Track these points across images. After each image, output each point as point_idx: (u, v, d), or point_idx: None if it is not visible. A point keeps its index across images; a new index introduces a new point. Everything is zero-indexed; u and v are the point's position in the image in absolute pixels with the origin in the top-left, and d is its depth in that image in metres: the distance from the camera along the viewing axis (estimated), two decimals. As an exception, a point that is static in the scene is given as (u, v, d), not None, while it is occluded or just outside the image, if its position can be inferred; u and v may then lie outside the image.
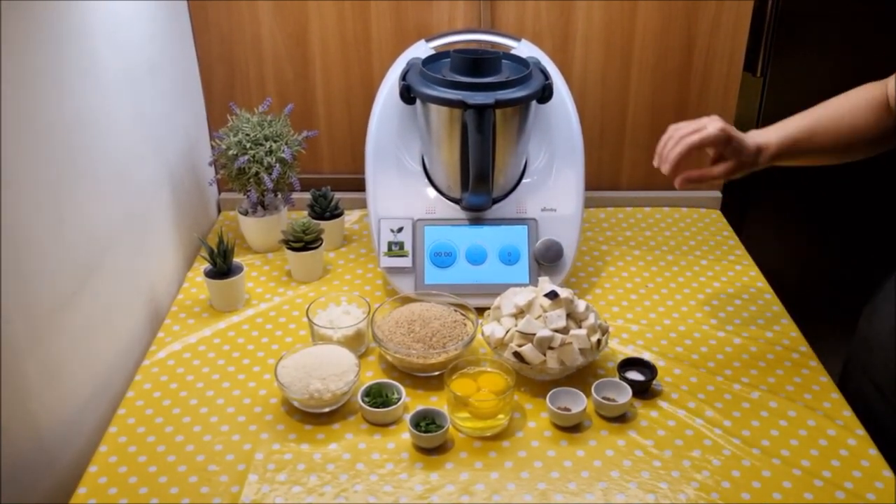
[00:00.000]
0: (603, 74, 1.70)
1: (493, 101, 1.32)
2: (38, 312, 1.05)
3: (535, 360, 1.21)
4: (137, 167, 1.37)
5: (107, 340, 1.25)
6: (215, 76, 1.72)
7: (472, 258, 1.43)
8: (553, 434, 1.16)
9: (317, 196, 1.61)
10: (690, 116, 1.73)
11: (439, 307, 1.33)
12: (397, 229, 1.44)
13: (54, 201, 1.08)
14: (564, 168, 1.48)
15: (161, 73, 1.48)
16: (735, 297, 1.48)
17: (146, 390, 1.25)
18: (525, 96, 1.36)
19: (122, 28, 1.31)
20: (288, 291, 1.50)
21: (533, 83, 1.38)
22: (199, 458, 1.12)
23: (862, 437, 1.15)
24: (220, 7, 1.64)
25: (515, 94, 1.35)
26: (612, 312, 1.44)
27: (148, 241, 1.41)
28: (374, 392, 1.21)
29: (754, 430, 1.17)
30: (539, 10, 1.64)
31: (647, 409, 1.21)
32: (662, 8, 1.63)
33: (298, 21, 1.65)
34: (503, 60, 1.42)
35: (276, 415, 1.20)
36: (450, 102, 1.34)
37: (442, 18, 1.65)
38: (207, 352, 1.34)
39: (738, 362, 1.31)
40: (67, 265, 1.12)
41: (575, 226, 1.45)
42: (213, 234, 1.69)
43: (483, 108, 1.32)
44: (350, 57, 1.69)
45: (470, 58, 1.37)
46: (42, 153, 1.05)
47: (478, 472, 1.10)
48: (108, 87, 1.25)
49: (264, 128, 1.54)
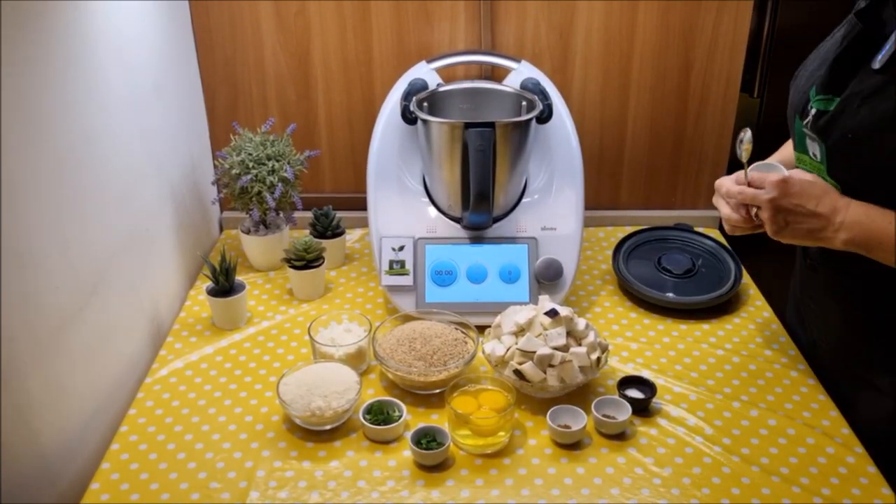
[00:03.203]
0: (602, 95, 1.72)
1: (493, 121, 1.34)
2: (42, 330, 1.06)
3: (536, 378, 1.22)
4: (141, 186, 1.38)
5: (110, 358, 1.26)
6: (219, 96, 1.73)
7: (473, 277, 1.44)
8: (553, 451, 1.17)
9: (318, 215, 1.63)
10: (689, 137, 1.77)
11: (440, 325, 1.34)
12: (398, 248, 1.45)
13: (59, 219, 1.10)
14: (564, 187, 1.49)
15: (166, 93, 1.50)
16: (734, 315, 1.49)
17: (148, 407, 1.26)
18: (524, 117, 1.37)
19: (127, 49, 1.32)
20: (290, 309, 1.51)
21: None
22: (201, 476, 1.12)
23: (861, 454, 1.15)
24: (224, 28, 1.66)
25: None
26: (612, 330, 1.45)
27: (151, 259, 1.42)
28: (376, 409, 1.21)
29: (753, 447, 1.17)
30: (539, 31, 1.66)
31: (646, 427, 1.21)
32: (660, 30, 1.66)
33: (301, 42, 1.67)
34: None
35: (278, 432, 1.21)
36: (451, 122, 1.36)
37: (443, 40, 1.67)
38: (209, 369, 1.35)
39: (737, 380, 1.31)
40: (71, 283, 1.13)
41: (575, 244, 1.47)
42: (215, 252, 1.70)
43: (483, 127, 1.33)
44: (352, 77, 1.71)
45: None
46: (48, 172, 1.07)
47: (479, 490, 1.10)
48: (113, 107, 1.27)
49: (267, 147, 1.55)
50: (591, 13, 1.63)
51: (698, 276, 1.55)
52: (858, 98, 1.07)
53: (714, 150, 1.78)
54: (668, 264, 1.57)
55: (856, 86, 1.08)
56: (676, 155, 1.79)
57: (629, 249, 1.64)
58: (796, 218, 1.08)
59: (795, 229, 1.08)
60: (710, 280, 1.54)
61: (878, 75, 1.05)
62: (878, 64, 1.06)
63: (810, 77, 1.17)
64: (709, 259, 1.60)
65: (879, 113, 1.04)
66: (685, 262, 1.57)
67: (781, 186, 1.07)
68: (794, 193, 1.07)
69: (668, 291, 1.51)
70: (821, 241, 1.09)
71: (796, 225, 1.08)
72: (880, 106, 1.04)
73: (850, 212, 1.06)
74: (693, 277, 1.55)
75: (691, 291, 1.51)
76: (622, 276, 1.55)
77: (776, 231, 1.09)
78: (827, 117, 1.10)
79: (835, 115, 1.09)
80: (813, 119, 1.13)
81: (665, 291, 1.51)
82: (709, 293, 1.50)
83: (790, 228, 1.09)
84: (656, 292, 1.50)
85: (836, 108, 1.09)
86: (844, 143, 1.08)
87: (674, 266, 1.56)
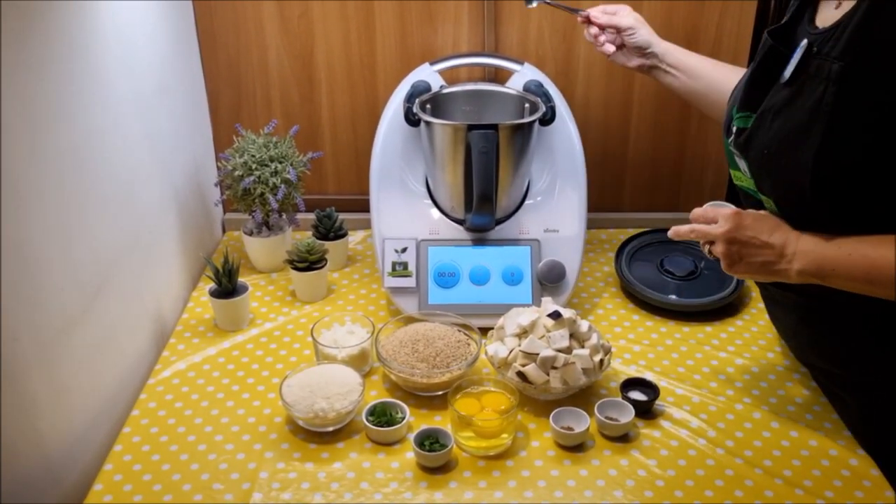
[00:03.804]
0: (605, 97, 1.72)
1: (496, 123, 1.34)
2: (46, 331, 1.06)
3: (539, 380, 1.22)
4: (144, 187, 1.38)
5: (113, 359, 1.26)
6: (222, 98, 1.74)
7: (476, 278, 1.44)
8: (556, 453, 1.17)
9: (321, 216, 1.63)
10: (692, 139, 1.77)
11: (443, 327, 1.34)
12: (401, 249, 1.45)
13: (63, 221, 1.10)
14: (567, 189, 1.50)
15: (169, 95, 1.50)
16: (736, 317, 1.49)
17: (151, 409, 1.26)
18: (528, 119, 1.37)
19: (132, 51, 1.33)
20: (292, 311, 1.51)
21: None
22: (203, 477, 1.13)
23: (863, 457, 1.15)
24: (228, 30, 1.66)
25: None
26: (615, 333, 1.45)
27: (154, 260, 1.42)
28: (379, 411, 1.21)
29: (756, 450, 1.17)
30: (542, 34, 1.66)
31: (649, 429, 1.21)
32: (664, 30, 1.64)
33: (304, 44, 1.67)
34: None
35: (281, 434, 1.21)
36: (454, 124, 1.36)
37: (446, 42, 1.67)
38: (212, 371, 1.35)
39: (740, 383, 1.32)
40: (75, 284, 1.13)
41: (577, 247, 1.47)
42: (218, 253, 1.70)
43: (486, 129, 1.33)
44: (355, 79, 1.71)
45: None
46: (52, 173, 1.07)
47: (482, 491, 1.10)
48: (117, 109, 1.27)
49: (270, 149, 1.55)
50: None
51: (701, 279, 1.55)
52: (770, 113, 1.07)
53: (717, 152, 1.78)
54: (671, 267, 1.57)
55: (768, 101, 1.08)
56: (679, 157, 1.79)
57: (632, 251, 1.64)
58: (750, 250, 1.07)
59: (750, 263, 1.07)
60: (712, 283, 1.54)
61: (787, 88, 1.05)
62: (784, 78, 1.05)
63: (733, 96, 1.17)
64: (711, 262, 1.59)
65: (789, 126, 1.03)
66: (688, 265, 1.57)
67: (735, 219, 1.07)
68: (747, 226, 1.07)
69: (670, 294, 1.51)
70: (775, 275, 1.07)
71: (750, 258, 1.07)
72: (790, 119, 1.03)
73: (801, 242, 1.05)
74: (696, 280, 1.55)
75: (694, 294, 1.51)
76: (625, 279, 1.55)
77: (730, 265, 1.09)
78: (746, 134, 1.10)
79: (752, 131, 1.09)
80: (735, 136, 1.13)
81: (668, 294, 1.51)
82: (711, 296, 1.50)
83: (744, 262, 1.07)
84: (659, 294, 1.50)
85: (752, 124, 1.10)
86: (763, 158, 1.07)
87: (676, 268, 1.56)
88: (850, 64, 0.97)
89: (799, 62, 1.03)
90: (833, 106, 0.98)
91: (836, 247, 1.02)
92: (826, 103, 0.99)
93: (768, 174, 1.08)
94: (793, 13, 1.12)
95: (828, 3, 1.07)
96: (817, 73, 1.00)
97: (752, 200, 1.15)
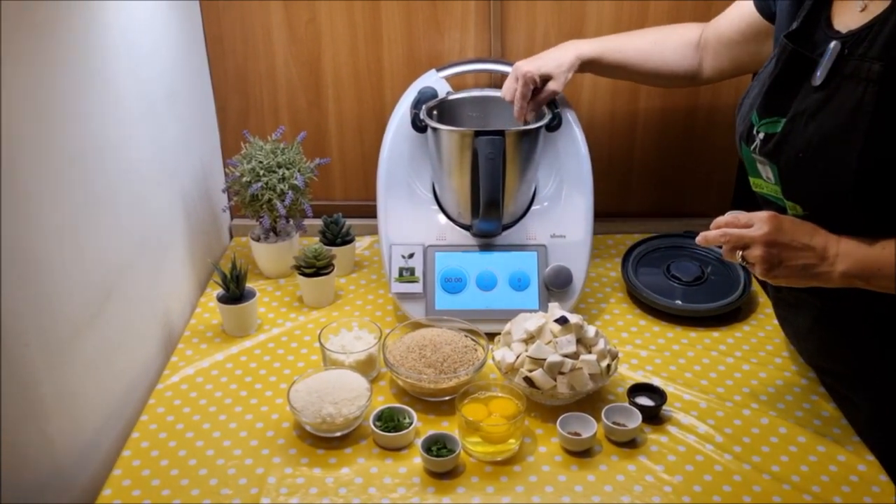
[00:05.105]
0: (611, 102, 1.73)
1: (502, 129, 1.34)
2: (56, 336, 1.07)
3: (546, 385, 1.22)
4: (153, 193, 1.39)
5: (122, 364, 1.27)
6: (230, 105, 1.74)
7: (483, 284, 1.44)
8: (564, 459, 1.17)
9: (328, 222, 1.63)
10: (698, 143, 1.77)
11: (450, 332, 1.34)
12: (408, 255, 1.46)
13: (72, 227, 1.10)
14: (573, 195, 1.50)
15: (178, 101, 1.51)
16: (743, 322, 1.49)
17: (160, 414, 1.26)
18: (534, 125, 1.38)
19: (140, 58, 1.34)
20: (300, 317, 1.52)
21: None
22: (212, 482, 1.13)
23: (872, 462, 1.15)
24: (236, 37, 1.67)
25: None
26: (621, 338, 1.45)
27: (162, 266, 1.43)
28: (386, 416, 1.22)
29: (764, 455, 1.17)
30: (548, 40, 1.66)
31: (657, 435, 1.21)
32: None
33: (312, 51, 1.68)
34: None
35: (289, 439, 1.21)
36: (461, 130, 1.36)
37: (453, 48, 1.68)
38: (220, 376, 1.35)
39: (748, 388, 1.31)
40: (84, 290, 1.14)
41: (584, 252, 1.47)
42: (225, 259, 1.71)
43: (493, 135, 1.34)
44: (362, 86, 1.72)
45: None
46: (62, 180, 1.08)
47: (489, 497, 1.10)
48: (126, 116, 1.28)
49: (277, 155, 1.56)
50: (601, 20, 1.64)
51: (708, 284, 1.55)
52: (804, 116, 1.06)
53: (724, 158, 1.78)
54: (678, 272, 1.57)
55: (799, 105, 1.07)
56: (686, 162, 1.79)
57: (638, 257, 1.64)
58: (790, 253, 1.04)
59: (790, 266, 1.04)
60: (719, 288, 1.54)
61: (820, 92, 1.05)
62: (818, 81, 1.05)
63: (752, 103, 1.16)
64: (718, 267, 1.60)
65: (826, 129, 1.03)
66: (694, 270, 1.57)
67: (774, 221, 1.05)
68: (786, 228, 1.05)
69: (677, 299, 1.51)
70: (815, 278, 1.05)
71: (790, 262, 1.04)
72: (827, 122, 1.03)
73: (842, 244, 1.04)
74: (702, 285, 1.55)
75: (701, 299, 1.51)
76: (631, 284, 1.55)
77: (769, 269, 1.05)
78: (776, 139, 1.09)
79: (783, 135, 1.08)
80: (761, 143, 1.12)
81: (674, 299, 1.51)
82: (718, 301, 1.50)
83: (784, 266, 1.04)
84: (665, 300, 1.50)
85: (783, 128, 1.09)
86: (797, 162, 1.07)
87: (683, 274, 1.56)
88: (892, 63, 0.97)
89: (832, 67, 1.03)
90: (875, 106, 0.98)
91: (879, 248, 1.02)
92: (867, 103, 0.99)
93: (803, 178, 1.07)
94: (805, 17, 1.11)
95: (849, 5, 1.06)
96: (854, 74, 1.01)
97: (775, 207, 1.14)
